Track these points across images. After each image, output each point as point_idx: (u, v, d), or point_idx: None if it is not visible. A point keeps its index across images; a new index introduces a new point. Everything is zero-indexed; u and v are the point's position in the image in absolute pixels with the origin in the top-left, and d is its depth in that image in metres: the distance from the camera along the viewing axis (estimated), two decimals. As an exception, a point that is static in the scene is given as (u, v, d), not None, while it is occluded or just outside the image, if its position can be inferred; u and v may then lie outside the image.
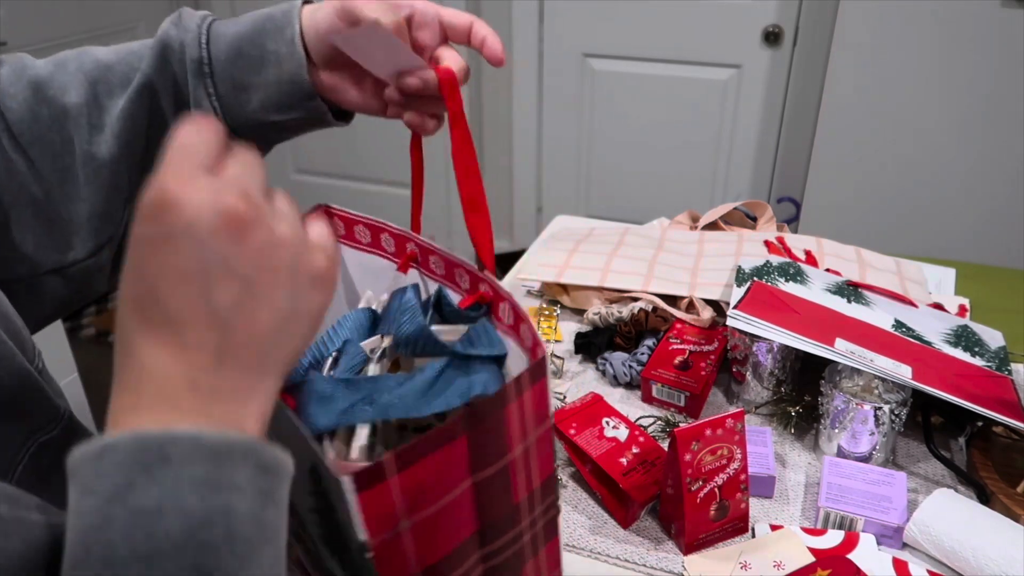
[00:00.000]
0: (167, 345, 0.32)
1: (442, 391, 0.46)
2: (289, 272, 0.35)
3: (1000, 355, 0.91)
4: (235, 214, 0.32)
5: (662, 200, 2.48)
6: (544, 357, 0.46)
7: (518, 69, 2.49)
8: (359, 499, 0.38)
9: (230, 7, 2.64)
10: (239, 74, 0.61)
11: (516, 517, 0.49)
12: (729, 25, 2.22)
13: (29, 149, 0.58)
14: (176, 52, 0.61)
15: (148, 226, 0.32)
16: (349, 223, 0.60)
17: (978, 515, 0.69)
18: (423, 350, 0.50)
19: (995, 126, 1.86)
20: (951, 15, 1.79)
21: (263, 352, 0.34)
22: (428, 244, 0.57)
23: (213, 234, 0.32)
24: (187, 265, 0.32)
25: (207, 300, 0.32)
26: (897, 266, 1.11)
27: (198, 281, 0.32)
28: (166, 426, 0.31)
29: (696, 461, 0.68)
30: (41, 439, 0.51)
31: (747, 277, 0.97)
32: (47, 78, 0.59)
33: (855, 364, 0.79)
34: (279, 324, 0.35)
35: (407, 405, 0.45)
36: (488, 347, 0.49)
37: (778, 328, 0.83)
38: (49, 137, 0.58)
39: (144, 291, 0.32)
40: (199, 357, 0.32)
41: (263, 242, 0.33)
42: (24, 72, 0.59)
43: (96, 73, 0.60)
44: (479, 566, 0.49)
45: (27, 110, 0.58)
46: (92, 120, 0.60)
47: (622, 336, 0.99)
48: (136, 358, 0.32)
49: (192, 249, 0.32)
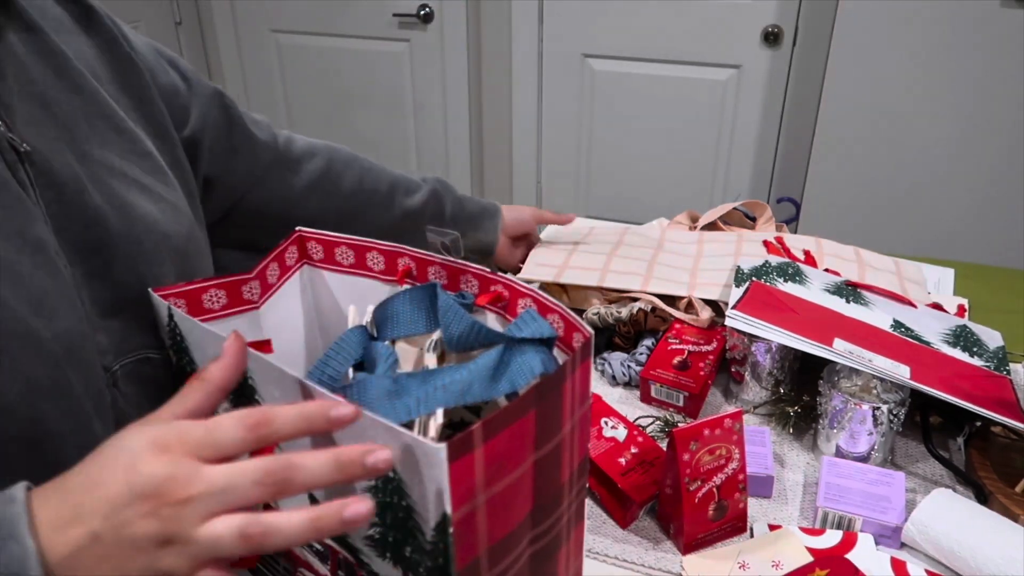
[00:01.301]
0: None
1: (505, 373, 0.48)
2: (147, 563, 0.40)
3: (999, 355, 0.91)
4: (152, 485, 0.39)
5: (662, 200, 2.48)
6: (591, 338, 0.48)
7: (518, 69, 2.49)
8: (451, 469, 0.39)
9: (230, 7, 2.65)
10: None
11: (560, 497, 0.51)
12: (729, 25, 2.22)
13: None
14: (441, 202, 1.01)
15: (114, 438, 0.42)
16: (329, 245, 0.61)
17: (976, 515, 0.69)
18: (475, 343, 0.52)
19: (995, 126, 1.86)
20: (951, 15, 1.79)
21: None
22: (426, 256, 0.58)
23: (131, 483, 0.39)
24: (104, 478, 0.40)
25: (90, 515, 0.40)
26: (896, 266, 1.11)
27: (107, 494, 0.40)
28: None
29: (694, 461, 0.68)
30: (151, 354, 0.59)
31: (746, 277, 0.97)
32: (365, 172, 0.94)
33: (853, 364, 0.79)
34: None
35: (482, 389, 0.47)
36: (538, 331, 0.50)
37: (777, 328, 0.83)
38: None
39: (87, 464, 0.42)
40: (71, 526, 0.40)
41: (149, 527, 0.39)
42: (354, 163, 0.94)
43: (397, 180, 0.97)
44: (528, 550, 0.50)
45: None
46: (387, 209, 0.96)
47: (621, 336, 0.99)
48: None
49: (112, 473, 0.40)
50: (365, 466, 0.39)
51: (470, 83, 2.53)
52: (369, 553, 0.48)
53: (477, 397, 0.47)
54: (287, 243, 0.61)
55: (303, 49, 2.64)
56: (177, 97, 0.72)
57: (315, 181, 0.88)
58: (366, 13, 2.50)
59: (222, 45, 2.74)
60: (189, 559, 0.39)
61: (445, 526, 0.41)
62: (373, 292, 0.61)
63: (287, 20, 2.61)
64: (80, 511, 0.40)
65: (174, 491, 0.39)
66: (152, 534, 0.39)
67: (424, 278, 0.59)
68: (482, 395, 0.47)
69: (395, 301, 0.56)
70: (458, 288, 0.57)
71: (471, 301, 0.56)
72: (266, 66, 2.72)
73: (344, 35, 2.56)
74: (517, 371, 0.49)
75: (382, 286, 0.61)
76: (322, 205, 0.89)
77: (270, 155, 0.84)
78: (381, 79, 2.61)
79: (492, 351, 0.50)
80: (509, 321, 0.55)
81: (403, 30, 2.51)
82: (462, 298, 0.56)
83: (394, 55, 2.55)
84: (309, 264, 0.63)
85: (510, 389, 0.48)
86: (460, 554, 0.43)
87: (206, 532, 0.38)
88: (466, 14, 2.42)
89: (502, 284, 0.55)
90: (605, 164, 2.55)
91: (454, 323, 0.52)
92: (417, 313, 0.55)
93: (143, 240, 0.59)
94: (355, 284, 0.62)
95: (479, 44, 2.49)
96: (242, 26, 2.68)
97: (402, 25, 2.50)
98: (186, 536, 0.38)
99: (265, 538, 0.39)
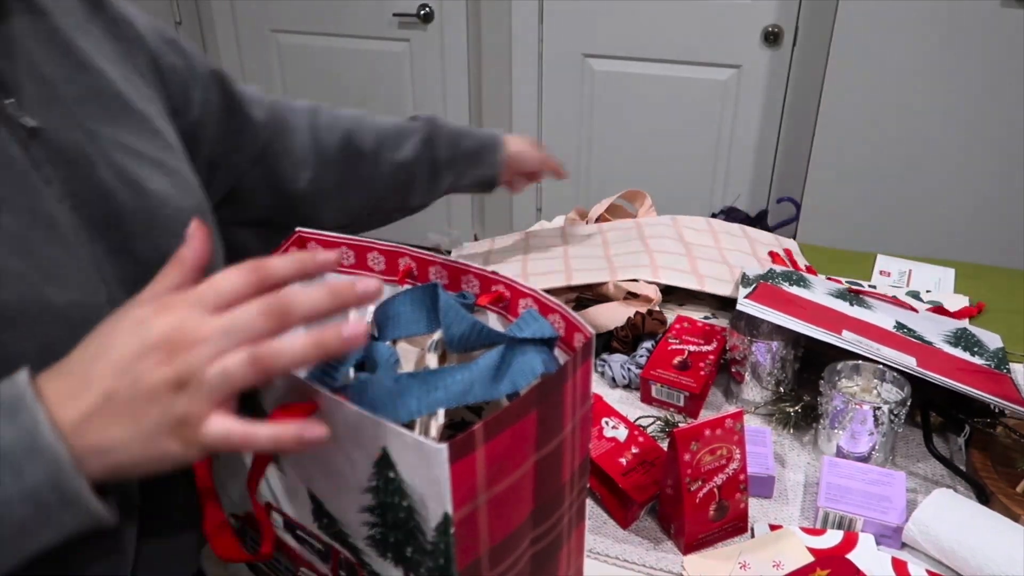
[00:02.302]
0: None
1: (507, 373, 0.48)
2: (167, 403, 0.41)
3: (999, 355, 0.92)
4: (163, 338, 0.41)
5: (662, 200, 2.47)
6: (592, 338, 0.48)
7: (518, 69, 2.49)
8: (452, 469, 0.39)
9: (230, 7, 2.65)
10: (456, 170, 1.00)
11: (561, 497, 0.51)
12: (729, 25, 2.22)
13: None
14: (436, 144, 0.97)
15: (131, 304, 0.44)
16: (329, 245, 0.61)
17: (977, 515, 0.69)
18: (477, 344, 0.52)
19: (995, 126, 1.86)
20: (951, 15, 1.79)
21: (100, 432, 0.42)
22: (427, 255, 0.58)
23: (142, 338, 0.41)
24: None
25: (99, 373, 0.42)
26: (743, 231, 1.20)
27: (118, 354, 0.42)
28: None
29: (695, 461, 0.68)
30: None
31: (752, 282, 0.98)
32: (353, 129, 0.92)
33: (862, 351, 0.80)
34: (123, 430, 0.41)
35: (483, 389, 0.47)
36: (539, 331, 0.51)
37: (787, 316, 0.84)
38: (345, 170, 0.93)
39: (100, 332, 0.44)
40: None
41: (167, 372, 0.41)
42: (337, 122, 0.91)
43: (383, 134, 0.94)
44: (529, 550, 0.49)
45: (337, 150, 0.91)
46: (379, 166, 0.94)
47: (619, 340, 0.99)
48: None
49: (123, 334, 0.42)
50: (356, 292, 0.42)
51: (470, 83, 2.53)
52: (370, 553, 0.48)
53: (478, 398, 0.47)
54: (287, 243, 0.61)
55: (303, 49, 2.64)
56: (179, 81, 0.72)
57: (305, 155, 0.88)
58: (366, 13, 2.50)
59: (222, 45, 2.74)
60: (203, 399, 0.40)
61: (446, 526, 0.41)
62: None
63: (287, 20, 2.61)
64: (89, 378, 0.41)
65: (184, 336, 0.40)
66: (167, 379, 0.40)
67: (425, 278, 0.59)
68: (483, 395, 0.47)
69: (396, 301, 0.56)
70: (459, 288, 0.57)
71: (472, 301, 0.56)
72: (266, 66, 2.72)
73: (344, 35, 2.56)
74: (518, 372, 0.49)
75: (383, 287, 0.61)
76: (316, 175, 0.89)
77: (267, 133, 0.84)
78: (381, 79, 2.61)
79: (493, 351, 0.50)
80: (510, 321, 0.55)
81: (403, 30, 2.50)
82: (463, 298, 0.56)
83: (394, 55, 2.55)
84: None
85: (511, 390, 0.48)
86: (461, 555, 0.42)
87: (218, 367, 0.40)
88: (466, 14, 2.42)
89: (503, 284, 0.55)
90: (605, 164, 2.55)
91: (455, 324, 0.52)
92: (418, 313, 0.55)
93: (156, 214, 0.60)
94: None
95: (479, 44, 2.49)
96: (242, 26, 2.68)
97: (402, 25, 2.50)
98: (200, 375, 0.40)
99: (274, 359, 0.40)
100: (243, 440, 0.41)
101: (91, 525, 0.42)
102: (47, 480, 0.40)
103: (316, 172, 0.89)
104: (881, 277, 1.19)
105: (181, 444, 0.41)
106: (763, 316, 0.85)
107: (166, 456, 0.42)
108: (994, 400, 0.77)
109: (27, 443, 0.39)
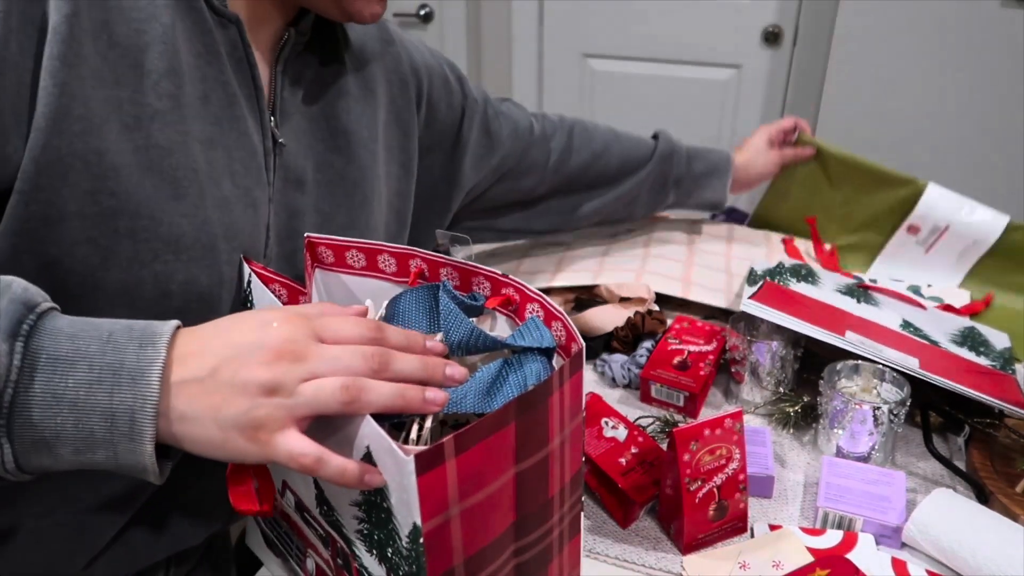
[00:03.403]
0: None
1: (501, 388, 0.49)
2: (245, 411, 0.43)
3: (1005, 355, 0.92)
4: (281, 345, 0.44)
5: (662, 200, 2.48)
6: (581, 350, 0.48)
7: (518, 69, 2.49)
8: (419, 482, 0.39)
9: (230, 7, 2.64)
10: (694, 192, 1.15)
11: (549, 510, 0.50)
12: (729, 25, 2.21)
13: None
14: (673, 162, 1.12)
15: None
16: (339, 250, 0.62)
17: (977, 515, 0.69)
18: (475, 348, 0.53)
19: (995, 126, 1.86)
20: (951, 15, 1.79)
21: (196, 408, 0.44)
22: (438, 257, 0.58)
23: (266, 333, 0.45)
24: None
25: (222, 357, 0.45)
26: (766, 239, 1.22)
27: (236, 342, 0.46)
28: None
29: (695, 461, 0.68)
30: None
31: (759, 278, 0.98)
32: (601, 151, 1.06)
33: (863, 353, 0.80)
34: (213, 426, 0.44)
35: (475, 402, 0.48)
36: (538, 340, 0.51)
37: (789, 316, 0.84)
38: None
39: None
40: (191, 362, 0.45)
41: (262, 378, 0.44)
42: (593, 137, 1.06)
43: (627, 158, 1.08)
44: (512, 560, 0.49)
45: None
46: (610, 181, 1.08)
47: (619, 340, 0.99)
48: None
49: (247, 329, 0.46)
50: (444, 373, 0.48)
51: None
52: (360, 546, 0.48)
53: (469, 409, 0.48)
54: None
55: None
56: (455, 118, 0.90)
57: (549, 173, 1.01)
58: (366, 13, 2.50)
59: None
60: (286, 410, 0.43)
61: (416, 536, 0.41)
62: (387, 294, 0.61)
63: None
64: (206, 347, 0.45)
65: (293, 349, 0.44)
66: (262, 380, 0.43)
67: (437, 280, 0.59)
68: (474, 408, 0.48)
69: (402, 299, 0.56)
70: (470, 289, 0.57)
71: (482, 303, 0.56)
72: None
73: (344, 35, 2.57)
74: (511, 386, 0.49)
75: (395, 288, 0.61)
76: (552, 189, 1.03)
77: (512, 161, 0.97)
78: (381, 79, 2.61)
79: (492, 365, 0.50)
80: (519, 324, 0.55)
81: (403, 30, 2.51)
82: (473, 299, 0.56)
83: (394, 55, 2.55)
84: (321, 268, 0.63)
85: (504, 403, 0.48)
86: (432, 564, 0.42)
87: (312, 385, 0.43)
88: (466, 14, 2.42)
89: (513, 288, 0.55)
90: (605, 164, 2.55)
91: (454, 328, 0.52)
92: (420, 314, 0.55)
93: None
94: (368, 286, 0.63)
95: (479, 44, 2.49)
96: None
97: (402, 25, 2.50)
98: (292, 387, 0.43)
99: (362, 393, 0.43)
100: (313, 463, 0.43)
101: (138, 471, 0.44)
102: (128, 409, 0.42)
103: (554, 187, 1.02)
104: (909, 235, 1.18)
105: (251, 445, 0.43)
106: (766, 317, 0.84)
107: (233, 451, 0.44)
108: (994, 402, 0.77)
109: (137, 372, 0.42)
